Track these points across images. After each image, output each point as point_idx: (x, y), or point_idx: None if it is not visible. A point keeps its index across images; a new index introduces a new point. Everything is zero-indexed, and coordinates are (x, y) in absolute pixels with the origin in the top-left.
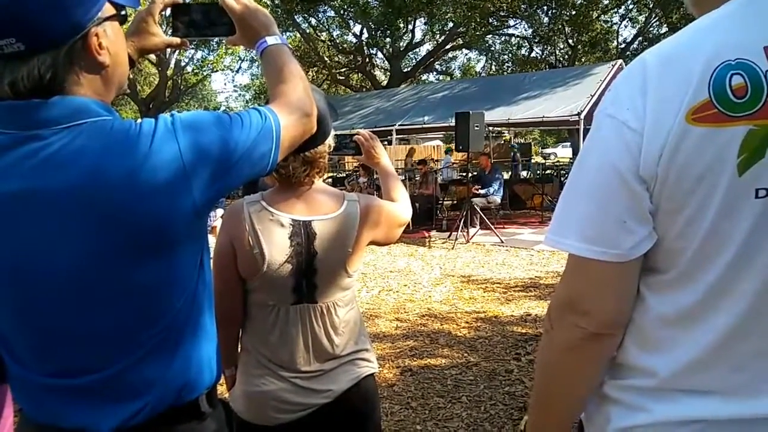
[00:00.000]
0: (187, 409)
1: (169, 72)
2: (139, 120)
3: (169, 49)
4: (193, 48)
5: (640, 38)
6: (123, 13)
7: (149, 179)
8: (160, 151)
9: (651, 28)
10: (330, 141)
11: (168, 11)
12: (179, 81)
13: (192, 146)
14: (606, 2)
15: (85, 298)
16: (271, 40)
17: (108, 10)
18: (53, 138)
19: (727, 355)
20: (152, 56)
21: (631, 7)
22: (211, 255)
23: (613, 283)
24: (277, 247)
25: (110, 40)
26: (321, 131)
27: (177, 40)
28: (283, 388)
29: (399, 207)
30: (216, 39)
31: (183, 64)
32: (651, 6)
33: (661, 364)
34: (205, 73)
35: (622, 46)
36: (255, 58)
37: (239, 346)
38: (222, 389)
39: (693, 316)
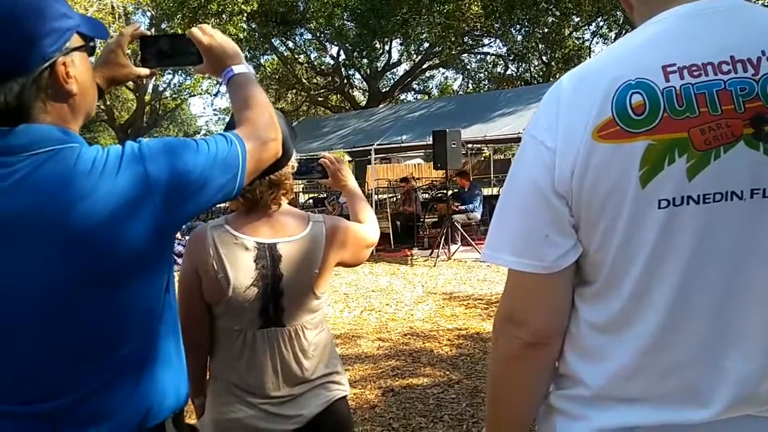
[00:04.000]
0: None
1: (147, 97)
2: (106, 147)
3: (152, 78)
4: (170, 73)
5: None
6: (91, 44)
7: (115, 205)
8: (126, 176)
9: None
10: (293, 162)
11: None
12: (157, 106)
13: (158, 171)
14: (577, 20)
15: (47, 323)
16: (237, 69)
17: (76, 40)
18: (19, 165)
19: (653, 364)
20: (130, 83)
21: (601, 24)
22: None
23: (544, 294)
24: (242, 271)
25: (78, 70)
26: (284, 153)
27: (146, 70)
28: (252, 415)
29: (366, 228)
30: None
31: (161, 89)
32: (621, 22)
33: (594, 372)
34: (183, 98)
35: None
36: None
37: (207, 373)
38: (193, 419)
39: (617, 325)
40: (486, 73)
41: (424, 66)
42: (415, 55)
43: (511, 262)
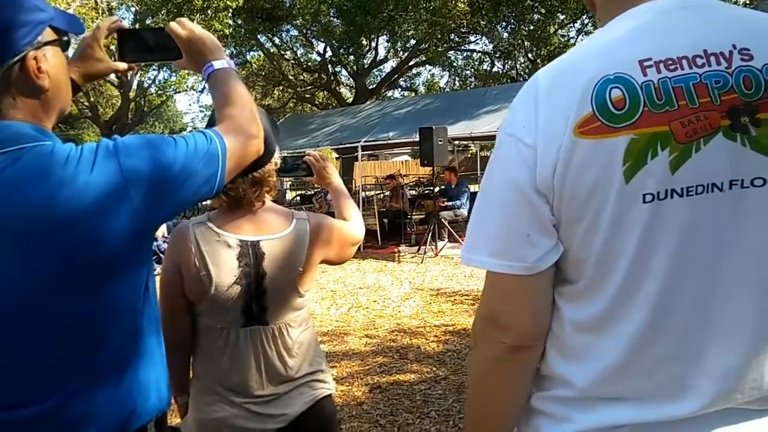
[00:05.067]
0: None
1: (132, 94)
2: (79, 145)
3: (130, 72)
4: (155, 69)
5: None
6: (65, 38)
7: (90, 203)
8: (101, 175)
9: None
10: (276, 159)
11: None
12: (143, 103)
13: (134, 170)
14: (562, 17)
15: (21, 323)
16: (217, 64)
17: (48, 34)
18: None
19: (637, 362)
20: (114, 78)
21: (586, 21)
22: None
23: (525, 296)
24: (224, 269)
25: (50, 65)
26: (266, 150)
27: (123, 65)
28: (235, 414)
29: (351, 225)
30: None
31: (146, 85)
32: None
33: (579, 373)
34: (168, 94)
35: None
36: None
37: (191, 372)
38: (177, 419)
39: (602, 324)
40: (472, 70)
41: (411, 63)
42: (401, 52)
43: (491, 264)
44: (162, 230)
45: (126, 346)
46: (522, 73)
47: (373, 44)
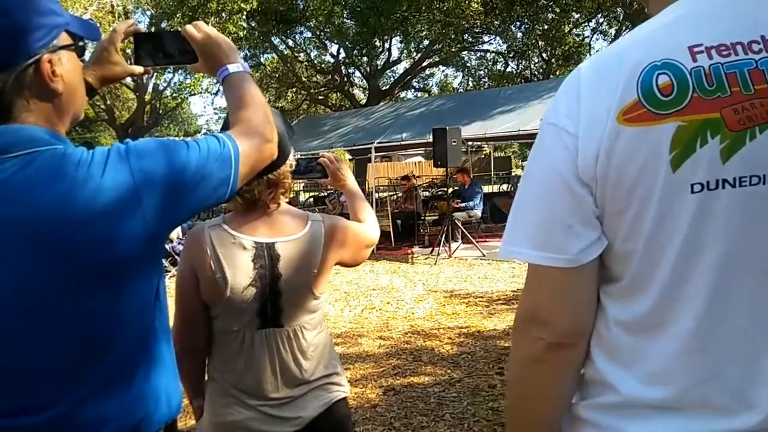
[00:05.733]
0: None
1: (147, 97)
2: (92, 149)
3: (146, 75)
4: (170, 72)
5: None
6: (81, 44)
7: (101, 209)
8: (112, 179)
9: None
10: (291, 160)
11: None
12: (158, 105)
13: (146, 174)
14: (577, 16)
15: (29, 328)
16: (232, 67)
17: (64, 39)
18: (1, 167)
19: (690, 364)
20: (130, 81)
21: (601, 20)
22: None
23: (567, 290)
24: (240, 271)
25: (65, 69)
26: (281, 152)
27: (139, 68)
28: (251, 417)
29: (366, 227)
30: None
31: (161, 88)
32: (621, 19)
33: (627, 377)
34: (183, 97)
35: None
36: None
37: (206, 375)
38: (191, 421)
39: (650, 324)
40: (486, 70)
41: (424, 64)
42: (414, 53)
43: (531, 256)
44: (177, 232)
45: (136, 353)
46: (536, 73)
47: (387, 45)
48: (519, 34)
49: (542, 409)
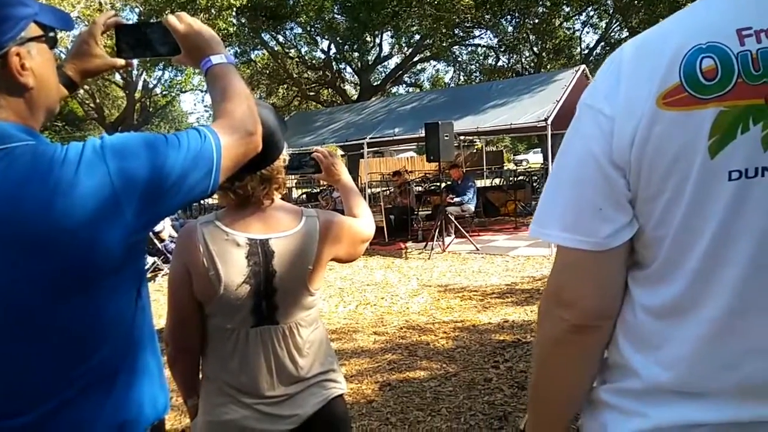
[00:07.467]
0: None
1: (137, 94)
2: (65, 144)
3: (135, 72)
4: (160, 69)
5: (603, 43)
6: (51, 34)
7: (76, 207)
8: (87, 176)
9: (612, 33)
10: (284, 155)
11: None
12: (148, 103)
13: (123, 170)
14: (567, 10)
15: (7, 335)
16: (215, 59)
17: (33, 30)
18: None
19: (717, 352)
20: (119, 79)
21: (591, 13)
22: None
23: (593, 273)
24: (233, 268)
25: (35, 62)
26: (274, 147)
27: (121, 61)
28: (246, 415)
29: (361, 222)
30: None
31: (151, 86)
32: (611, 12)
33: (651, 362)
34: (173, 95)
35: (585, 51)
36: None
37: (200, 374)
38: (186, 420)
39: (678, 309)
40: (477, 64)
41: (415, 59)
42: (405, 48)
43: (559, 238)
44: (169, 231)
45: (115, 358)
46: (527, 66)
47: (377, 40)
48: (510, 28)
49: (564, 389)
